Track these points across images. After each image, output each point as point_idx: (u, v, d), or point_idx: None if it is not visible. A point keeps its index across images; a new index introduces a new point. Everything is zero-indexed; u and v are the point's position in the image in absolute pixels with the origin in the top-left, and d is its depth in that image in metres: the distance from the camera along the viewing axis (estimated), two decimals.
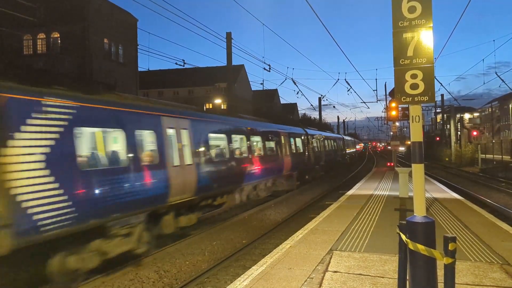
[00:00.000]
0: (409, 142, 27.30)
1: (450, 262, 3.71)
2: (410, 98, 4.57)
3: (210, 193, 12.59)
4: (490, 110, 79.56)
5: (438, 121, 66.90)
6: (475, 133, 42.41)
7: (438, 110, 59.39)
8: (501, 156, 35.60)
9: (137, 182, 8.91)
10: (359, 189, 18.38)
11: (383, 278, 6.06)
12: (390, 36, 4.68)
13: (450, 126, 49.23)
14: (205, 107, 57.89)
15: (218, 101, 46.89)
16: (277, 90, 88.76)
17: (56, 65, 40.60)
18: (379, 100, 52.99)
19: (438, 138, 58.67)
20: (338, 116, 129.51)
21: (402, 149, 36.60)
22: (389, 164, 33.03)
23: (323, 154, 30.96)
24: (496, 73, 30.69)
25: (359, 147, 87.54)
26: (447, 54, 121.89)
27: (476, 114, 62.45)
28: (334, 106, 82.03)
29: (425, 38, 4.53)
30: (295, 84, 30.02)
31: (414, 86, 4.55)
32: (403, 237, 4.33)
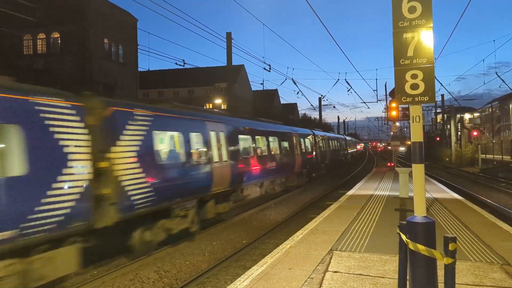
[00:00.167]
0: (409, 142, 27.35)
1: (450, 262, 3.71)
2: (411, 98, 4.56)
3: (239, 185, 14.91)
4: (490, 110, 79.50)
5: (438, 121, 66.83)
6: (475, 133, 42.42)
7: (438, 110, 59.35)
8: (501, 156, 35.60)
9: (192, 174, 11.32)
10: (359, 189, 18.38)
11: (384, 278, 6.06)
12: (390, 36, 4.69)
13: (450, 126, 49.19)
14: (205, 107, 58.02)
15: (218, 101, 46.88)
16: (277, 90, 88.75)
17: (56, 65, 40.62)
18: (379, 100, 53.29)
19: (438, 138, 58.62)
20: (338, 116, 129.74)
21: (402, 149, 36.64)
22: (389, 164, 33.00)
23: (328, 153, 32.64)
24: (496, 73, 30.73)
25: (360, 147, 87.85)
26: (447, 54, 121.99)
27: (476, 114, 62.40)
28: (334, 106, 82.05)
29: (425, 38, 4.53)
30: (295, 84, 30.05)
31: (415, 86, 4.54)
32: (404, 237, 4.33)
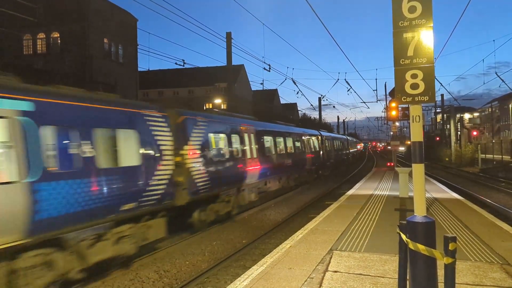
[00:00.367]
0: (409, 142, 27.36)
1: (450, 262, 3.71)
2: (411, 98, 4.56)
3: (265, 179, 17.59)
4: (490, 110, 79.47)
5: (438, 121, 66.78)
6: (475, 133, 42.40)
7: (438, 110, 59.35)
8: (501, 156, 35.58)
9: (233, 167, 14.33)
10: (359, 189, 18.38)
11: (383, 278, 6.06)
12: (390, 36, 4.68)
13: (450, 126, 49.18)
14: (205, 107, 58.00)
15: (218, 101, 46.82)
16: (277, 90, 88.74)
17: (56, 65, 40.61)
18: (379, 100, 53.15)
19: (438, 138, 58.57)
20: (338, 116, 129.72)
21: (402, 149, 36.71)
22: (389, 164, 33.01)
23: (333, 152, 35.29)
24: (496, 73, 30.76)
25: (360, 147, 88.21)
26: (447, 54, 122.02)
27: (476, 114, 62.33)
28: (334, 106, 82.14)
29: (425, 38, 4.52)
30: (295, 84, 30.04)
31: (415, 86, 4.54)
32: (404, 237, 4.33)
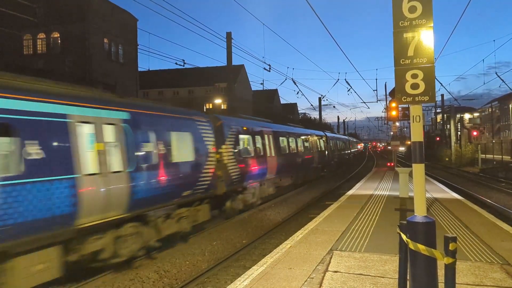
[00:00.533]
0: (409, 142, 27.35)
1: (450, 262, 3.71)
2: (411, 98, 4.55)
3: (280, 175, 19.42)
4: (490, 110, 79.48)
5: (438, 121, 66.74)
6: (475, 133, 42.26)
7: (438, 110, 59.33)
8: (501, 156, 35.60)
9: (258, 163, 16.41)
10: (359, 189, 18.38)
11: (384, 278, 6.06)
12: (390, 36, 4.68)
13: (450, 126, 49.13)
14: (205, 107, 57.96)
15: (218, 101, 46.82)
16: (277, 90, 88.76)
17: (56, 65, 40.62)
18: (379, 100, 53.28)
19: (438, 138, 58.53)
20: (338, 116, 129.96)
21: (402, 149, 36.76)
22: (389, 164, 33.01)
23: (336, 152, 37.21)
24: (496, 73, 30.71)
25: (360, 147, 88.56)
26: (447, 54, 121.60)
27: (476, 114, 62.14)
28: (334, 106, 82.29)
29: (425, 38, 4.52)
30: (295, 84, 30.06)
31: (415, 86, 4.53)
32: (404, 237, 4.33)
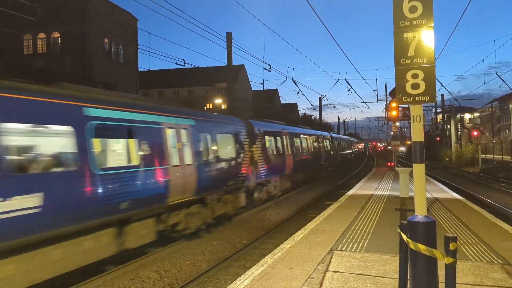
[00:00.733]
0: (409, 142, 27.36)
1: (451, 262, 3.71)
2: (411, 98, 4.55)
3: (295, 172, 21.82)
4: (491, 110, 79.45)
5: (439, 121, 66.73)
6: (476, 133, 42.26)
7: (438, 110, 59.31)
8: (501, 156, 35.59)
9: (279, 160, 18.99)
10: (359, 189, 18.38)
11: (384, 278, 6.06)
12: (391, 36, 4.68)
13: (451, 126, 49.11)
14: (205, 107, 57.96)
15: (218, 101, 46.84)
16: (277, 90, 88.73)
17: (56, 65, 40.63)
18: (380, 100, 53.38)
19: (438, 138, 58.52)
20: (339, 116, 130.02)
21: (402, 149, 36.81)
22: (389, 164, 33.00)
23: (340, 151, 39.39)
24: (496, 73, 30.68)
25: (360, 147, 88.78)
26: (448, 54, 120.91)
27: (476, 114, 62.17)
28: (334, 106, 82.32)
29: (426, 38, 4.51)
30: (296, 84, 30.07)
31: (415, 86, 4.53)
32: (404, 237, 4.32)
